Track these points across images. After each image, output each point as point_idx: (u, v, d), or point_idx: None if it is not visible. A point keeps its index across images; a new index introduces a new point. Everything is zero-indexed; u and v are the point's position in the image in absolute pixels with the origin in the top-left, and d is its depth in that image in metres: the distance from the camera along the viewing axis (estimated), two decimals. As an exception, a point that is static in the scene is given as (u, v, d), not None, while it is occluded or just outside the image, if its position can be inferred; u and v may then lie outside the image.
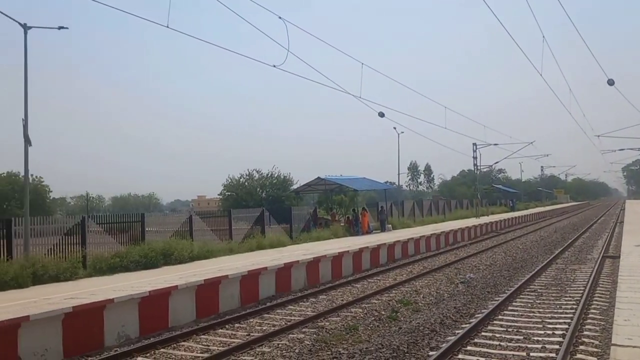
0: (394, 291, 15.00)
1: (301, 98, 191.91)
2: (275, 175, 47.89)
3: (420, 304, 12.97)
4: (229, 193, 48.28)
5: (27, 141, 15.58)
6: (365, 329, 10.59)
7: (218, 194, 55.66)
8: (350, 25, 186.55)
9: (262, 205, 34.61)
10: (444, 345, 8.87)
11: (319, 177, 34.16)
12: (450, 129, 37.44)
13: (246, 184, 47.75)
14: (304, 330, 10.71)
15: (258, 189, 47.63)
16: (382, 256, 22.00)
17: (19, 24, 15.76)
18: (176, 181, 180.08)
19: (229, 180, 48.46)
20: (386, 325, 10.95)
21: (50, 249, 15.76)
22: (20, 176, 61.13)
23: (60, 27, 17.00)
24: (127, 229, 18.55)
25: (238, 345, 9.47)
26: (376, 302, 13.49)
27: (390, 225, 32.69)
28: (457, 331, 10.01)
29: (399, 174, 59.82)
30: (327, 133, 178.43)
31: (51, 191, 69.60)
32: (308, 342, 9.69)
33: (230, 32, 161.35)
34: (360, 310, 12.52)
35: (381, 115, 27.50)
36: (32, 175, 46.02)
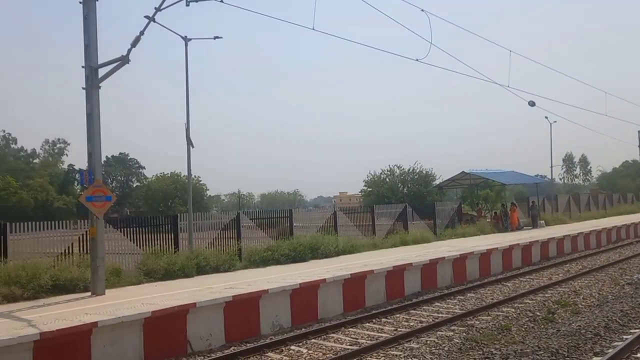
0: (549, 291, 14.06)
1: (443, 91, 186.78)
2: (417, 170, 47.29)
3: (580, 306, 12.00)
4: (370, 189, 48.63)
5: (190, 144, 17.13)
6: (519, 330, 10.05)
7: (359, 191, 56.41)
8: (497, 14, 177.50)
9: (404, 201, 34.42)
10: (610, 351, 8.12)
11: (463, 171, 33.14)
12: (611, 115, 34.01)
13: (387, 179, 47.74)
14: (452, 327, 10.46)
15: (399, 185, 47.40)
16: (535, 254, 20.73)
17: (180, 36, 17.37)
18: (319, 178, 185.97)
19: (370, 177, 48.82)
20: (542, 326, 10.29)
21: (210, 242, 17.13)
22: (182, 176, 67.47)
23: (216, 37, 18.46)
24: (276, 224, 19.55)
25: (386, 340, 9.52)
26: (530, 302, 12.75)
27: (542, 222, 30.74)
28: (625, 336, 9.11)
29: (551, 166, 55.59)
30: (471, 125, 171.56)
31: (208, 189, 75.93)
32: (457, 340, 9.44)
33: (375, 30, 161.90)
34: (512, 310, 11.92)
35: (531, 104, 25.93)
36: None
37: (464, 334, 9.91)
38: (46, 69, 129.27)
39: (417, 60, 16.05)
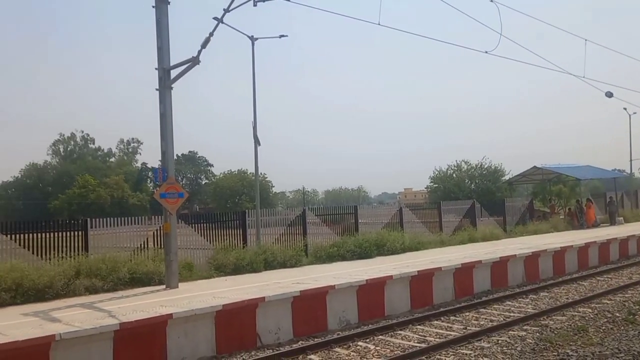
0: (629, 291, 13.35)
1: (512, 83, 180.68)
2: (485, 165, 46.02)
3: (664, 307, 11.32)
4: (436, 185, 47.83)
5: (257, 142, 17.48)
6: (597, 331, 9.61)
7: (425, 187, 55.59)
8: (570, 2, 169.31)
9: (471, 197, 33.61)
10: (701, 357, 7.61)
11: (535, 166, 31.94)
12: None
13: (454, 175, 46.76)
14: (525, 327, 10.14)
15: (466, 181, 46.30)
16: (613, 252, 19.73)
17: (247, 36, 17.72)
18: (383, 174, 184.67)
19: (436, 172, 48.00)
20: (622, 328, 9.80)
21: (277, 238, 17.41)
22: (249, 173, 68.93)
23: (281, 36, 18.70)
24: (341, 220, 19.60)
25: (456, 338, 9.35)
26: (608, 302, 12.16)
27: (621, 218, 29.20)
28: None
29: (630, 160, 52.68)
30: (543, 120, 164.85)
31: (273, 186, 77.22)
32: (530, 341, 9.14)
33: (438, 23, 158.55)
34: (589, 310, 11.40)
35: (609, 95, 24.64)
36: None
37: (538, 334, 9.58)
38: (119, 70, 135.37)
39: (486, 52, 15.62)
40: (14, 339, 7.30)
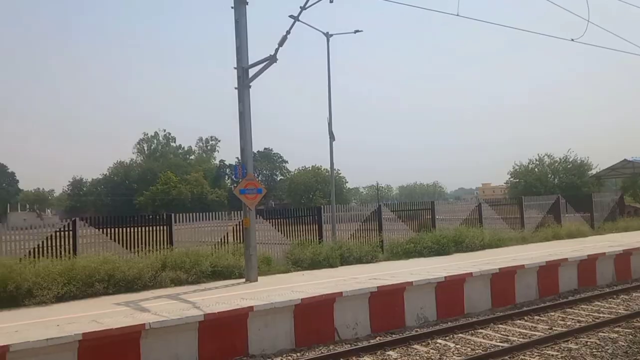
0: None
1: (601, 74, 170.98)
2: (570, 159, 43.80)
3: None
4: (517, 180, 46.11)
5: (332, 137, 17.58)
6: (699, 336, 8.92)
7: (504, 182, 53.77)
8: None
9: (555, 192, 32.14)
10: None
11: (625, 159, 30.15)
12: None
13: (536, 169, 44.88)
14: (616, 329, 9.59)
15: (549, 175, 44.31)
16: None
17: (322, 33, 17.83)
18: (459, 170, 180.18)
19: (516, 167, 46.28)
20: None
21: (352, 234, 17.43)
22: (322, 169, 69.48)
23: (356, 31, 18.66)
24: (417, 216, 19.33)
25: (540, 339, 8.99)
26: None
27: None
28: None
29: None
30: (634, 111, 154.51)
31: (347, 182, 77.46)
32: (623, 343, 8.64)
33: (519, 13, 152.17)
34: (690, 313, 10.60)
35: None
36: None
37: (631, 336, 9.05)
38: (197, 71, 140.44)
39: (572, 40, 14.86)
40: (109, 327, 7.76)
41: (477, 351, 8.62)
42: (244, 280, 12.42)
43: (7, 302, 10.19)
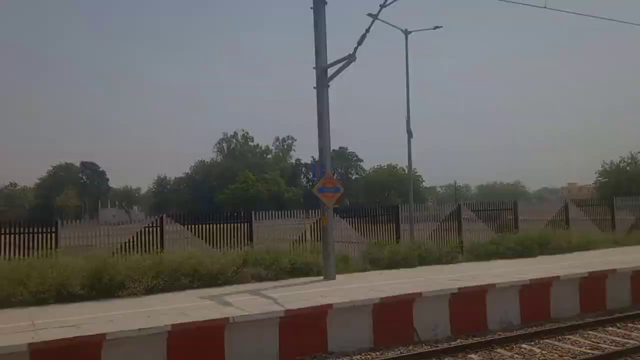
0: None
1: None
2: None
3: None
4: (606, 179, 43.64)
5: (409, 134, 17.40)
6: None
7: (592, 182, 51.05)
8: None
9: (650, 192, 30.06)
10: None
11: None
12: None
13: (628, 168, 42.29)
14: None
15: (644, 174, 41.61)
16: None
17: (401, 30, 17.67)
18: (543, 168, 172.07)
19: (606, 166, 43.80)
20: None
21: (430, 234, 17.16)
22: (398, 168, 68.83)
23: (436, 27, 18.34)
24: (498, 216, 18.72)
25: (636, 347, 8.47)
26: None
27: None
28: None
29: None
30: None
31: (424, 181, 76.33)
32: None
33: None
34: None
35: None
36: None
37: None
38: (275, 71, 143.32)
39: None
40: (195, 319, 8.10)
41: (565, 358, 8.27)
42: (322, 277, 12.54)
43: (102, 292, 10.84)
